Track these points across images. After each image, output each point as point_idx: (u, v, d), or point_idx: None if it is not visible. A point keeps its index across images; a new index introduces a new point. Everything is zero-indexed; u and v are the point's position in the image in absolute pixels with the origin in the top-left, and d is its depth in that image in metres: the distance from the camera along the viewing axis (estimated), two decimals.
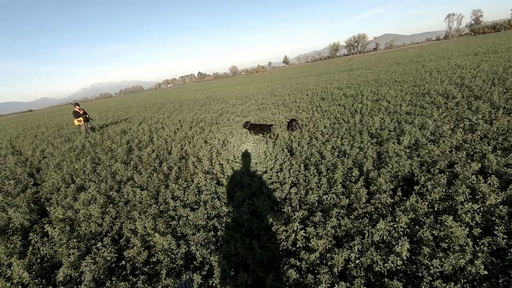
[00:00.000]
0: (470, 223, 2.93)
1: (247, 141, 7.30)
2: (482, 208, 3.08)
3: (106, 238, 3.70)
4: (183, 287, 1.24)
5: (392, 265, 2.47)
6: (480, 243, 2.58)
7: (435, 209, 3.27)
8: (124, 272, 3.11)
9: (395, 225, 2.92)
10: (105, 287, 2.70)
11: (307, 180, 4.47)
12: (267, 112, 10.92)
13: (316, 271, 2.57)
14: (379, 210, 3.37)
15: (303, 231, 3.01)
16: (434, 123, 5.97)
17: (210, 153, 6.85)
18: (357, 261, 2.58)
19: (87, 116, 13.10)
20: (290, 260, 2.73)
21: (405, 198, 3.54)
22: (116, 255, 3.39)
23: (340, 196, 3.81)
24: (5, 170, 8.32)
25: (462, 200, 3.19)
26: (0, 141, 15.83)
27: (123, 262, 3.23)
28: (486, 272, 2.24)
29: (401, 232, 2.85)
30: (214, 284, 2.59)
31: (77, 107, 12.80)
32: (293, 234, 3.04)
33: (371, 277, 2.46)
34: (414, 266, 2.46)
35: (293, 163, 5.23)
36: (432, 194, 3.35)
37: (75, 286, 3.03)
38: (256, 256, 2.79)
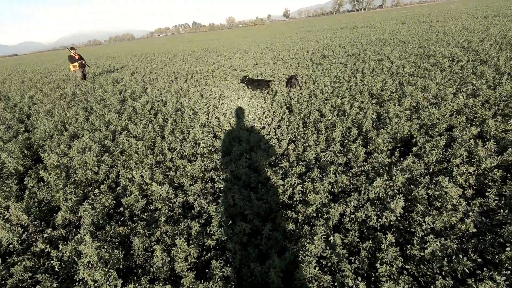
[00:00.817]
0: (464, 185, 3.00)
1: (244, 96, 7.12)
2: (477, 171, 3.13)
3: (103, 186, 3.71)
4: None
5: (386, 220, 2.55)
6: (471, 203, 2.66)
7: (431, 170, 3.32)
8: (123, 218, 3.16)
9: (391, 184, 2.97)
10: (105, 231, 2.75)
11: (305, 138, 4.44)
12: (266, 68, 10.53)
13: (312, 223, 2.64)
14: (376, 169, 3.40)
15: (301, 185, 3.05)
16: (437, 86, 5.85)
17: (206, 106, 6.69)
18: (352, 216, 2.66)
19: (83, 62, 12.14)
20: (287, 212, 2.80)
21: (402, 158, 3.57)
22: (114, 202, 3.43)
23: (338, 154, 3.83)
24: None
25: (458, 162, 3.23)
26: None
27: (121, 209, 3.27)
28: (475, 230, 2.34)
29: (396, 191, 2.91)
30: (212, 232, 2.66)
31: (72, 51, 11.73)
32: (291, 188, 3.08)
33: (365, 230, 2.55)
34: (407, 222, 2.54)
35: (292, 120, 5.15)
36: (429, 156, 3.37)
37: (74, 229, 3.10)
38: (254, 208, 2.85)
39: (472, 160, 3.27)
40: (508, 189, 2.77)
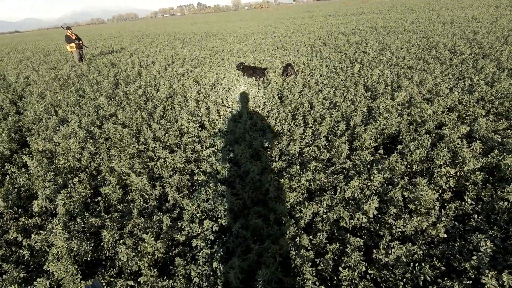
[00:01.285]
0: (444, 187, 2.94)
1: (238, 84, 6.99)
2: (459, 173, 3.06)
3: (83, 174, 3.70)
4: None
5: (358, 222, 2.51)
6: (447, 207, 2.60)
7: (414, 169, 3.25)
8: (99, 208, 3.16)
9: (369, 183, 2.91)
10: (76, 222, 2.75)
11: (291, 130, 4.37)
12: (264, 54, 10.31)
13: (283, 222, 2.61)
14: (357, 167, 3.34)
15: (276, 182, 3.01)
16: (434, 80, 5.68)
17: (198, 94, 6.58)
18: (325, 216, 2.62)
19: (80, 42, 11.89)
20: (260, 209, 2.77)
21: (386, 156, 3.50)
22: (92, 191, 3.42)
23: (322, 150, 3.75)
24: None
25: (441, 163, 3.15)
26: None
27: (99, 198, 3.26)
28: (445, 235, 2.29)
29: (373, 191, 2.86)
30: (183, 227, 2.65)
31: (68, 31, 11.52)
32: (267, 185, 3.04)
33: (335, 231, 2.52)
34: (378, 224, 2.50)
35: (281, 112, 5.05)
36: (413, 155, 3.29)
37: (50, 218, 3.10)
38: (227, 204, 2.82)
39: (456, 161, 3.19)
40: (486, 193, 2.70)
